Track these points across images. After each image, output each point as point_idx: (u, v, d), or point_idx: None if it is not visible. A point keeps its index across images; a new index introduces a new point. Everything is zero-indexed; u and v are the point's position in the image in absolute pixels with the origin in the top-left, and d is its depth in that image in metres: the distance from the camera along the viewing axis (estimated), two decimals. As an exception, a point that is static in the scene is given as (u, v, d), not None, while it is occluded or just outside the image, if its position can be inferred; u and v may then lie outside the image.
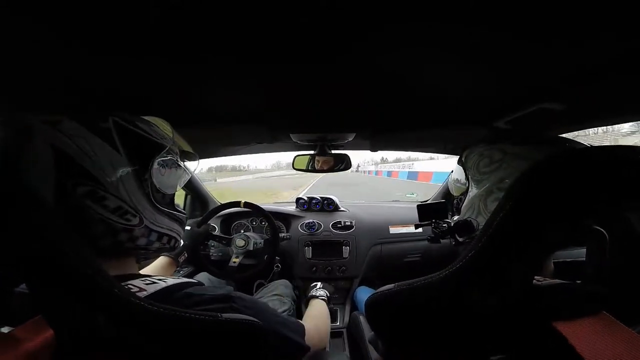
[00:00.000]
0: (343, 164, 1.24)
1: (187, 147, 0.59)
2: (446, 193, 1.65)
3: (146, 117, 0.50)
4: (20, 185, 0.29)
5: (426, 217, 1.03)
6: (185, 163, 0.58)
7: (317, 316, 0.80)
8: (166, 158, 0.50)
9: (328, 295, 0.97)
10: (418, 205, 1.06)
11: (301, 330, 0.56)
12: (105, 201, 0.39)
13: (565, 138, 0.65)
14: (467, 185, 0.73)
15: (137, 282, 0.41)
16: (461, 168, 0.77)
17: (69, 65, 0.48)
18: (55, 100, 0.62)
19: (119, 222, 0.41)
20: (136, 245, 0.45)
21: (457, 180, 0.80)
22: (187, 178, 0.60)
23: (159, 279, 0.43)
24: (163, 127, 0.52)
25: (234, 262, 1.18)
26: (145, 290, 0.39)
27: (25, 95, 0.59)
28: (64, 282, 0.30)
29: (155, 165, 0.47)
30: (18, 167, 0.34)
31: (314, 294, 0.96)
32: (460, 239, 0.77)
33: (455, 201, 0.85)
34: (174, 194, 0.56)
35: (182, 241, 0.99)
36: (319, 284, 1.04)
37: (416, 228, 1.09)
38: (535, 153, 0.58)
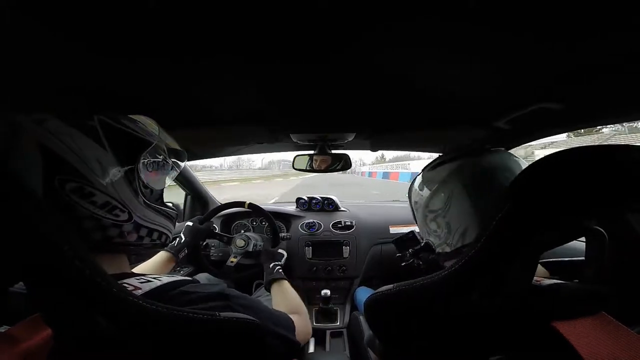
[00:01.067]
0: (342, 163, 1.24)
1: (174, 145, 0.59)
2: None
3: (133, 116, 0.51)
4: (15, 184, 0.29)
5: (403, 249, 1.07)
6: (173, 160, 0.59)
7: (294, 305, 0.74)
8: (153, 154, 0.50)
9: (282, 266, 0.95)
10: (394, 240, 1.11)
11: (292, 326, 0.57)
12: (93, 197, 0.39)
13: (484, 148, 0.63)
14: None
15: (131, 280, 0.40)
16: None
17: (69, 66, 0.48)
18: (53, 101, 0.62)
19: (107, 217, 0.41)
20: (126, 241, 0.45)
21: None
22: (175, 174, 0.60)
23: (154, 277, 0.43)
24: (149, 124, 0.52)
25: (231, 262, 1.18)
26: (140, 288, 0.39)
27: (20, 96, 0.59)
28: (61, 281, 0.29)
29: (142, 161, 0.47)
30: (8, 166, 0.34)
31: (275, 277, 0.87)
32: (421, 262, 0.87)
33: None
34: (163, 190, 0.57)
35: (182, 237, 1.00)
36: (275, 262, 0.96)
37: (400, 260, 1.09)
38: (441, 173, 0.61)
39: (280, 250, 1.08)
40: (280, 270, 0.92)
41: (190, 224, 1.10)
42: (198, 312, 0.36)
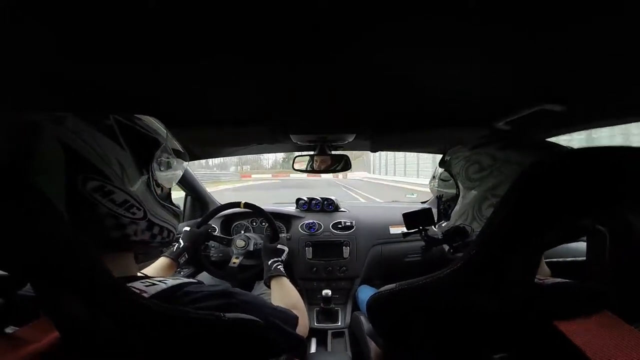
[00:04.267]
0: (342, 164, 1.24)
1: (177, 146, 0.60)
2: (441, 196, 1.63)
3: (139, 116, 0.51)
4: (28, 185, 0.29)
5: (413, 225, 1.00)
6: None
7: (292, 302, 0.75)
8: (164, 153, 0.52)
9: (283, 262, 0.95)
10: (404, 214, 1.03)
11: (295, 322, 0.58)
12: (113, 195, 0.40)
13: (552, 142, 0.64)
14: (454, 189, 0.71)
15: (137, 284, 0.41)
16: (442, 170, 0.76)
17: (70, 67, 0.48)
18: (57, 101, 0.62)
19: (125, 215, 0.42)
20: (141, 239, 0.45)
21: (440, 181, 0.80)
22: (180, 174, 0.61)
23: (159, 280, 0.43)
24: (157, 125, 0.53)
25: (234, 263, 1.18)
26: (146, 292, 0.39)
27: (23, 96, 0.59)
28: (66, 282, 0.29)
29: (155, 160, 0.48)
30: (27, 164, 0.34)
31: (273, 274, 0.89)
32: (454, 244, 0.76)
33: (442, 207, 0.83)
34: (171, 188, 0.58)
35: (181, 241, 1.00)
36: (275, 259, 0.98)
37: (404, 237, 1.06)
38: (527, 158, 0.58)
39: (279, 246, 1.07)
40: (280, 267, 0.92)
41: (188, 228, 1.09)
42: (204, 314, 0.36)
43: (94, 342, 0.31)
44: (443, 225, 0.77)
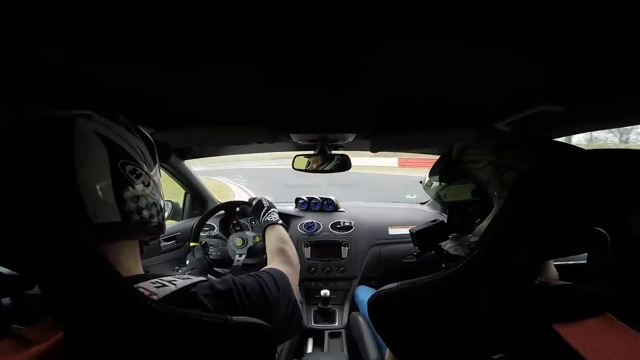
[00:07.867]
0: (342, 164, 1.24)
1: None
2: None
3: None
4: (59, 184, 0.30)
5: (428, 245, 0.85)
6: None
7: (288, 260, 0.75)
8: None
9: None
10: (415, 232, 0.86)
11: (289, 285, 0.59)
12: (142, 177, 0.44)
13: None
14: (470, 196, 0.65)
15: (147, 284, 0.41)
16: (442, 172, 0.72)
17: (73, 68, 0.49)
18: (59, 99, 0.62)
19: (151, 196, 0.46)
20: (158, 222, 0.48)
21: (449, 188, 0.74)
22: None
23: (169, 281, 0.44)
24: None
25: (238, 261, 1.16)
26: (156, 294, 0.39)
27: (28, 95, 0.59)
28: (73, 283, 0.29)
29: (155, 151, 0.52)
30: (67, 158, 0.36)
31: (268, 218, 0.89)
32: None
33: (458, 217, 0.76)
34: None
35: (193, 271, 1.02)
36: (265, 208, 0.95)
37: (417, 258, 0.95)
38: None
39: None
40: (273, 214, 0.93)
41: (187, 262, 1.14)
42: (209, 316, 0.36)
43: (99, 343, 0.31)
44: (467, 238, 0.65)
